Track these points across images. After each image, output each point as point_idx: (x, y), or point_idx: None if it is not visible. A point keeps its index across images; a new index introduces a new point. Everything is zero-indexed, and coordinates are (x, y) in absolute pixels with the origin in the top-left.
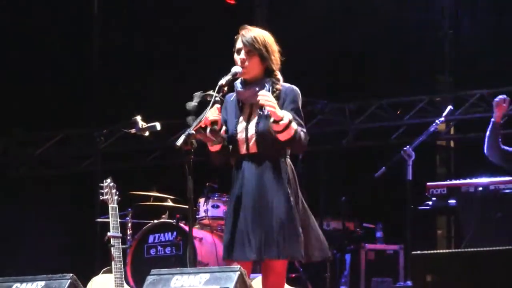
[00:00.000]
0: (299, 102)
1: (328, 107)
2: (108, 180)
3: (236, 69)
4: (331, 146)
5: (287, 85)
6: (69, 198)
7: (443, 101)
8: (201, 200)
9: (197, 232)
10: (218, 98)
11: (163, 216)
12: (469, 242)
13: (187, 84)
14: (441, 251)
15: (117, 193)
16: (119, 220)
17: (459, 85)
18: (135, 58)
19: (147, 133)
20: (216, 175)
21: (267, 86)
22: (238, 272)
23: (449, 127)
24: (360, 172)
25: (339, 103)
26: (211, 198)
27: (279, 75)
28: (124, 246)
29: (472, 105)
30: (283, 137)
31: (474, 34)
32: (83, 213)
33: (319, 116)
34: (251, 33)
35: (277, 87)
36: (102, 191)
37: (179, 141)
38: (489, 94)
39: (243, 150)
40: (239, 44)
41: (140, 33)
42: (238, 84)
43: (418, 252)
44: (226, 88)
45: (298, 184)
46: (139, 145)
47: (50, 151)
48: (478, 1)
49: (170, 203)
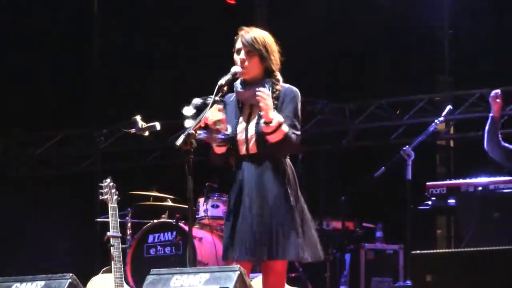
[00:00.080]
0: (298, 103)
1: (328, 107)
2: (108, 180)
3: (236, 69)
4: (331, 146)
5: (287, 86)
6: (69, 198)
7: (443, 101)
8: (201, 200)
9: (197, 232)
10: (218, 98)
11: (163, 216)
12: (469, 242)
13: (187, 84)
14: (441, 251)
15: (117, 193)
16: (119, 220)
17: (459, 85)
18: (135, 58)
19: (147, 133)
20: (216, 175)
21: (267, 87)
22: (238, 272)
23: (449, 127)
24: (360, 172)
25: (339, 103)
26: (211, 198)
27: (279, 76)
28: (124, 246)
29: (472, 105)
30: (272, 139)
31: (474, 34)
32: (83, 213)
33: (319, 116)
34: (251, 34)
35: (277, 88)
36: (102, 191)
37: (179, 141)
38: (489, 94)
39: (243, 151)
40: (239, 44)
41: (140, 33)
42: (238, 85)
43: (418, 252)
44: (226, 88)
45: (298, 184)
46: (139, 145)
47: (50, 151)
48: (478, 1)
49: (170, 203)
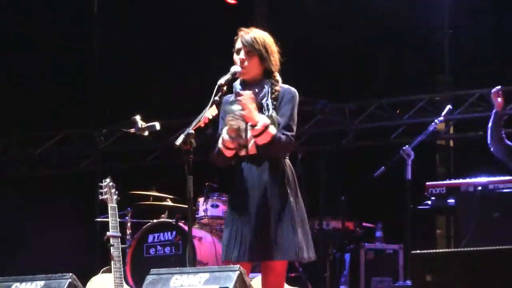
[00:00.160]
0: (295, 104)
1: (328, 107)
2: (108, 180)
3: (235, 69)
4: (331, 146)
5: (286, 87)
6: (69, 198)
7: (443, 101)
8: (201, 200)
9: (197, 232)
10: (217, 98)
11: (163, 216)
12: (469, 242)
13: (187, 84)
14: (441, 251)
15: (117, 193)
16: (119, 220)
17: (459, 85)
18: (135, 58)
19: (147, 133)
20: (216, 175)
21: (266, 88)
22: (238, 272)
23: (449, 127)
24: (360, 172)
25: (339, 103)
26: (211, 198)
27: (278, 77)
28: (124, 246)
29: (472, 105)
30: (260, 141)
31: (474, 34)
32: (83, 213)
33: (319, 116)
34: (251, 34)
35: (276, 89)
36: (102, 191)
37: (179, 141)
38: (489, 94)
39: (243, 152)
40: (239, 45)
41: (140, 33)
42: (238, 86)
43: (418, 252)
44: (225, 88)
45: (298, 185)
46: (139, 145)
47: (50, 151)
48: (478, 1)
49: (170, 203)
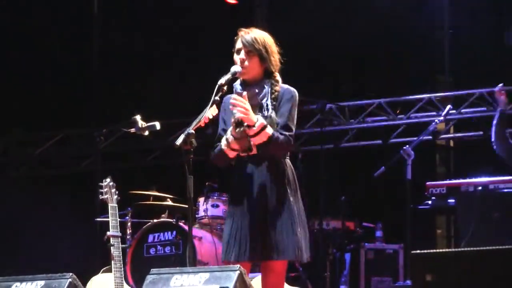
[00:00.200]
0: (295, 104)
1: (328, 107)
2: (108, 180)
3: (236, 69)
4: (331, 146)
5: (286, 87)
6: (69, 198)
7: (443, 101)
8: (201, 200)
9: (197, 232)
10: (217, 98)
11: (163, 216)
12: (469, 242)
13: (187, 84)
14: (441, 251)
15: (117, 193)
16: (119, 220)
17: (459, 85)
18: (135, 58)
19: (147, 133)
20: (216, 175)
21: (266, 88)
22: (238, 272)
23: (449, 127)
24: (360, 172)
25: (339, 103)
26: (211, 198)
27: (278, 77)
28: (124, 246)
29: (472, 105)
30: (256, 141)
31: (474, 34)
32: (83, 213)
33: (319, 116)
34: (251, 34)
35: (276, 89)
36: (102, 191)
37: (179, 141)
38: (489, 94)
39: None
40: (239, 45)
41: (140, 33)
42: (238, 86)
43: (418, 252)
44: (226, 88)
45: (298, 185)
46: (139, 145)
47: (50, 151)
48: (478, 1)
49: (170, 203)
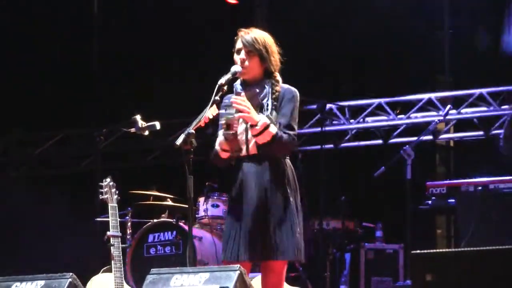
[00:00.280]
0: (296, 104)
1: (328, 107)
2: (108, 180)
3: (236, 68)
4: (331, 146)
5: (286, 87)
6: (69, 198)
7: (443, 101)
8: (201, 199)
9: (197, 231)
10: (217, 98)
11: (163, 215)
12: (469, 242)
13: (187, 84)
14: (441, 251)
15: (117, 192)
16: (119, 219)
17: (459, 85)
18: (135, 58)
19: (147, 132)
20: (216, 175)
21: (267, 88)
22: (238, 272)
23: (449, 127)
24: (360, 172)
25: (339, 103)
26: (211, 197)
27: (278, 77)
28: (124, 246)
29: (472, 105)
30: (260, 141)
31: (474, 34)
32: (83, 213)
33: (319, 116)
34: (252, 34)
35: (277, 89)
36: (102, 191)
37: (179, 141)
38: (489, 94)
39: (243, 151)
40: (239, 45)
41: (140, 33)
42: (238, 86)
43: (418, 252)
44: (226, 88)
45: (298, 185)
46: (139, 145)
47: (50, 151)
48: (478, 1)
49: (170, 202)
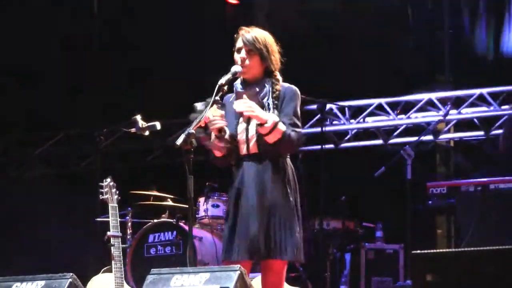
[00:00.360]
0: (298, 102)
1: (328, 107)
2: (108, 180)
3: (236, 69)
4: (331, 146)
5: (287, 85)
6: (69, 198)
7: (443, 101)
8: (201, 200)
9: (197, 232)
10: (218, 98)
11: (163, 216)
12: (469, 242)
13: (187, 84)
14: (441, 251)
15: (117, 193)
16: (119, 220)
17: (459, 85)
18: (135, 58)
19: (147, 133)
20: (216, 175)
21: (267, 87)
22: (238, 272)
23: (449, 127)
24: (360, 172)
25: (339, 103)
26: (211, 198)
27: (279, 76)
28: (124, 246)
29: (472, 105)
30: (270, 140)
31: (474, 34)
32: (83, 213)
33: (319, 116)
34: (252, 33)
35: (277, 88)
36: (102, 191)
37: (179, 141)
38: (489, 94)
39: (244, 151)
40: (240, 43)
41: (140, 33)
42: (238, 85)
43: (418, 252)
44: (226, 88)
45: (298, 184)
46: (139, 145)
47: (50, 151)
48: (478, 1)
49: (170, 203)
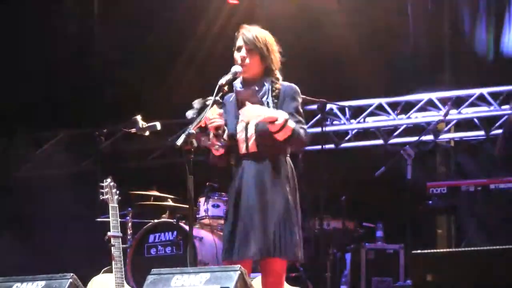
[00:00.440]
0: (299, 100)
1: (328, 107)
2: (108, 180)
3: (236, 69)
4: (332, 146)
5: (286, 84)
6: (70, 198)
7: (443, 101)
8: (201, 200)
9: (197, 232)
10: (218, 98)
11: (163, 216)
12: (469, 241)
13: (187, 84)
14: (441, 251)
15: (117, 193)
16: (119, 220)
17: (459, 85)
18: (135, 58)
19: (147, 133)
20: (216, 175)
21: (267, 85)
22: (239, 272)
23: (449, 127)
24: (360, 172)
25: (340, 103)
26: (211, 198)
27: (278, 75)
28: (125, 246)
29: (472, 105)
30: (281, 137)
31: (474, 34)
32: (83, 213)
33: (319, 116)
34: (253, 32)
35: (276, 86)
36: (102, 191)
37: (179, 141)
38: (489, 94)
39: (243, 150)
40: (240, 42)
41: (140, 33)
42: (238, 84)
43: (418, 252)
44: (226, 88)
45: (297, 184)
46: (139, 145)
47: (50, 151)
48: (478, 1)
49: (170, 203)
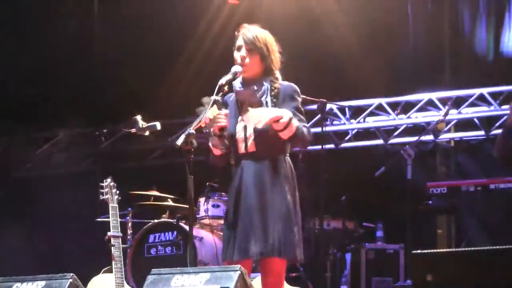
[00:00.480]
0: (299, 99)
1: (328, 107)
2: (108, 180)
3: (236, 69)
4: (332, 146)
5: (286, 83)
6: (70, 198)
7: (443, 101)
8: (201, 200)
9: (198, 232)
10: (218, 98)
11: (163, 216)
12: (469, 241)
13: (187, 84)
14: (441, 251)
15: (117, 193)
16: (119, 220)
17: (459, 85)
18: (135, 58)
19: (147, 133)
20: (217, 175)
21: (266, 85)
22: (239, 272)
23: (449, 127)
24: (360, 172)
25: (339, 103)
26: (212, 198)
27: (278, 74)
28: (125, 246)
29: (472, 105)
30: (285, 136)
31: (474, 34)
32: (83, 213)
33: (319, 116)
34: (253, 32)
35: (276, 86)
36: (102, 191)
37: (179, 141)
38: (489, 94)
39: (242, 149)
40: (240, 42)
41: (140, 33)
42: (238, 84)
43: (418, 252)
44: (227, 88)
45: (297, 184)
46: (139, 145)
47: (50, 151)
48: (478, 1)
49: (170, 203)
